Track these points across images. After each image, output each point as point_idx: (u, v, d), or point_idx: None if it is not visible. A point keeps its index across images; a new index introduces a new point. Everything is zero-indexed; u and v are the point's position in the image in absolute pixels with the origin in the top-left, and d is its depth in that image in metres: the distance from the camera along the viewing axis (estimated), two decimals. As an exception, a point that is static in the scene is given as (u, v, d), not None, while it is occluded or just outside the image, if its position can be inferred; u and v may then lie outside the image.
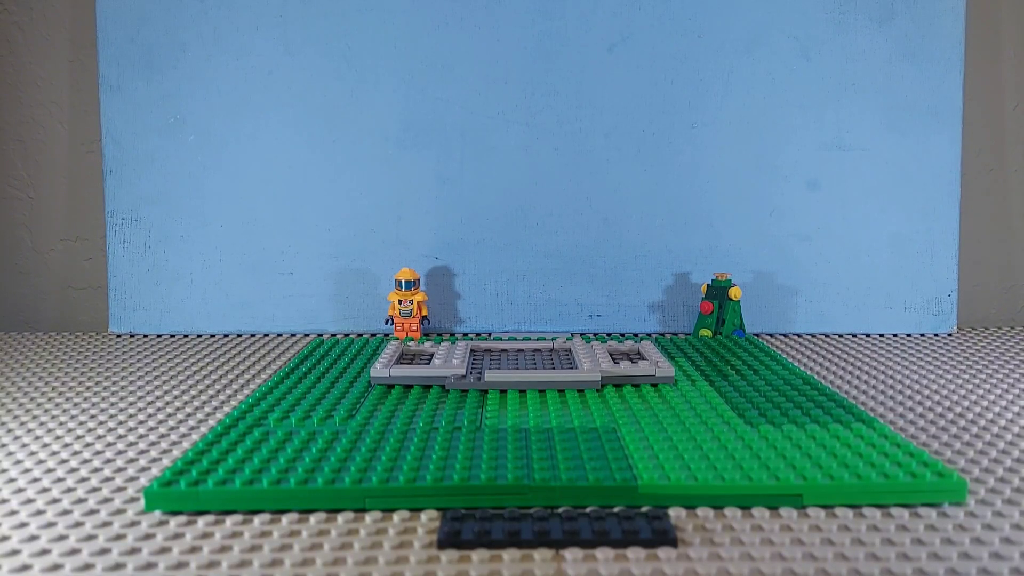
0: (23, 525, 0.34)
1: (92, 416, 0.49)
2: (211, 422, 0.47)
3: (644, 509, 0.34)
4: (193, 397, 0.53)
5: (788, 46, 0.70)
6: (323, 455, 0.38)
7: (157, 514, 0.35)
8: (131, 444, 0.43)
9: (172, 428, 0.46)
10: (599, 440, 0.41)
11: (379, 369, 0.51)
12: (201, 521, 0.34)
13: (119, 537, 0.32)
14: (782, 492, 0.35)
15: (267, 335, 0.72)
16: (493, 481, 0.35)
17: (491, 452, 0.39)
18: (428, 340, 0.66)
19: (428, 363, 0.52)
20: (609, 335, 0.70)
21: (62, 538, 0.32)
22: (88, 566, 0.30)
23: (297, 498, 0.35)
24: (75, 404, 0.51)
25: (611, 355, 0.54)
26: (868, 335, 0.72)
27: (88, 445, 0.43)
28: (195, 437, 0.45)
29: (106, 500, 0.36)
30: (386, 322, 0.69)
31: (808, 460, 0.37)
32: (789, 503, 0.35)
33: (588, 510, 0.34)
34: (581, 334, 0.70)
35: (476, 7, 0.70)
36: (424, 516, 0.34)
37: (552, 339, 0.61)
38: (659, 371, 0.51)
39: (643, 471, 0.36)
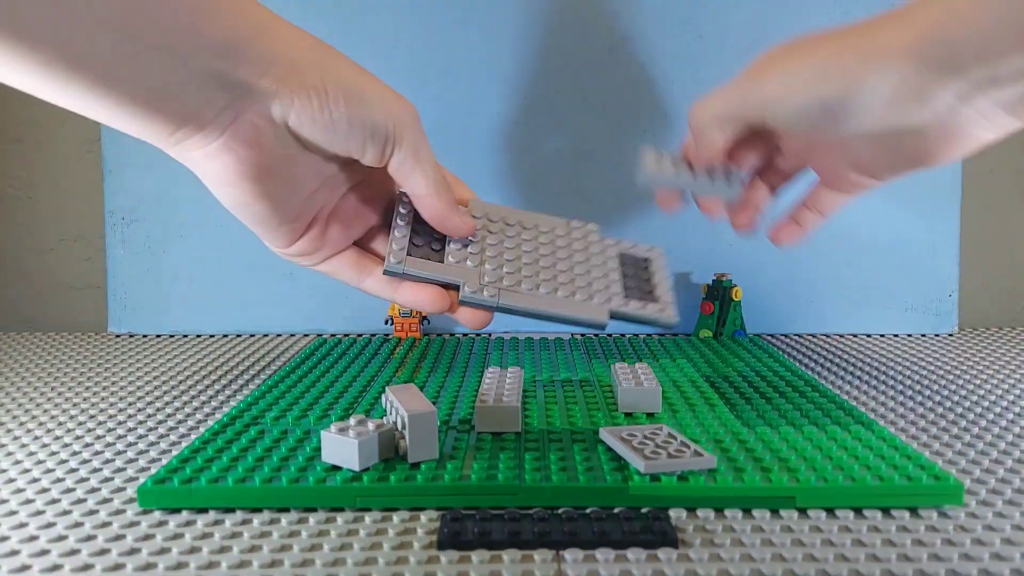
0: (22, 525, 0.34)
1: (91, 416, 0.48)
2: (211, 422, 0.47)
3: (644, 510, 0.34)
4: (193, 397, 0.53)
5: (788, 46, 0.70)
6: (317, 454, 0.38)
7: (156, 514, 0.35)
8: (130, 444, 0.43)
9: (172, 428, 0.46)
10: (593, 440, 0.41)
11: (393, 263, 0.42)
12: (200, 521, 0.34)
13: (118, 537, 0.32)
14: (775, 494, 0.35)
15: (267, 335, 0.72)
16: (483, 481, 0.35)
17: (483, 452, 0.39)
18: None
19: (441, 254, 0.44)
20: (610, 336, 0.70)
21: (61, 538, 0.32)
22: (87, 566, 0.30)
23: (289, 496, 0.35)
24: (74, 404, 0.51)
25: (623, 268, 0.47)
26: (868, 335, 0.72)
27: (87, 445, 0.43)
28: (194, 437, 0.45)
29: (105, 500, 0.36)
30: (386, 322, 0.69)
31: (803, 462, 0.37)
32: (783, 505, 0.35)
33: (588, 511, 0.34)
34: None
35: (476, 7, 0.70)
36: (424, 516, 0.34)
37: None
38: (662, 317, 0.45)
39: (635, 472, 0.36)
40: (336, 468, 0.37)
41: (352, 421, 0.38)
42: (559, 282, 0.46)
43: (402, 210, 0.45)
